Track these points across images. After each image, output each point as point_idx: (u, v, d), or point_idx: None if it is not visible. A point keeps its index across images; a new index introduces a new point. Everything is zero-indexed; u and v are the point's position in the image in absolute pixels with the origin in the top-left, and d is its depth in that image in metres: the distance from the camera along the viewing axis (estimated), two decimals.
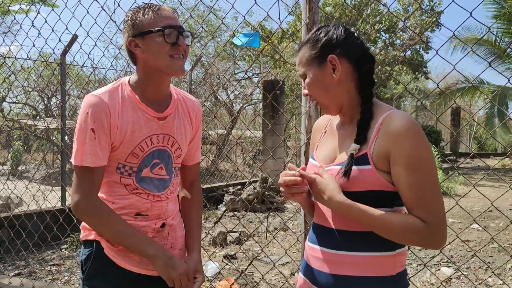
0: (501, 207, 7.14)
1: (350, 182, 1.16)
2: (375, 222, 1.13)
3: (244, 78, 12.01)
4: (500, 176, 11.61)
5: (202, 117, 1.67)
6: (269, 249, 4.94)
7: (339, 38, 1.22)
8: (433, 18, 10.33)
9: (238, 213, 6.60)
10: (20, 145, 10.86)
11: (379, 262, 1.18)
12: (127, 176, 1.45)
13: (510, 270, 4.32)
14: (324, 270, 1.24)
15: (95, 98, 1.37)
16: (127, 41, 1.41)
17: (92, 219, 1.41)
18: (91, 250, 1.46)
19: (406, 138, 1.11)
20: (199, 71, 11.38)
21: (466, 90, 12.00)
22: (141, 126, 1.43)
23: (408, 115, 1.17)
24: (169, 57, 1.38)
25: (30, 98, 10.50)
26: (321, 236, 1.28)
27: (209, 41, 12.61)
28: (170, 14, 1.41)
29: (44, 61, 6.36)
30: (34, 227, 4.07)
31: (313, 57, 1.23)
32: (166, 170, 1.51)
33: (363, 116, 1.21)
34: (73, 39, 4.63)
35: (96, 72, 5.83)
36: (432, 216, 1.11)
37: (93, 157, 1.37)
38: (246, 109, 12.36)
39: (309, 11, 1.90)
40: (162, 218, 1.52)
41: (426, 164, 1.12)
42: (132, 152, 1.43)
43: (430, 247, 1.15)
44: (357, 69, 1.23)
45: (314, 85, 1.24)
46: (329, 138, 1.35)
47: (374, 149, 1.16)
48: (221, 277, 3.92)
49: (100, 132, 1.36)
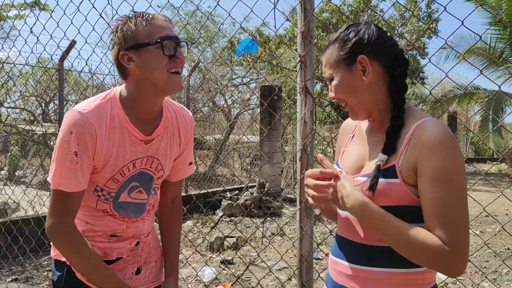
0: (497, 212, 7.18)
1: (376, 196, 1.07)
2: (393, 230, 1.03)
3: (241, 83, 12.06)
4: (497, 180, 11.66)
5: (193, 131, 1.57)
6: (266, 254, 4.95)
7: (371, 37, 1.12)
8: (429, 25, 10.41)
9: (235, 218, 6.61)
10: (18, 151, 10.84)
11: (407, 279, 1.09)
12: (104, 201, 1.38)
13: (506, 274, 4.34)
14: (347, 285, 1.16)
15: (81, 118, 1.24)
16: (119, 54, 1.26)
17: (64, 247, 1.31)
18: (62, 272, 1.40)
19: (438, 151, 1.00)
20: (196, 76, 11.42)
21: (462, 96, 12.06)
22: (126, 149, 1.33)
23: (443, 124, 1.06)
24: (167, 72, 1.26)
25: (28, 103, 10.50)
26: (344, 249, 1.19)
27: (206, 46, 12.66)
28: (165, 23, 1.28)
29: (42, 67, 6.38)
30: (31, 233, 4.08)
31: (342, 58, 1.14)
32: (146, 193, 1.44)
33: (393, 124, 1.11)
34: (71, 45, 4.66)
35: (94, 78, 5.84)
36: (455, 239, 0.98)
37: (73, 182, 1.26)
38: (243, 114, 12.40)
39: (304, 19, 1.92)
40: (136, 237, 1.47)
41: (455, 180, 1.00)
42: (112, 177, 1.34)
43: (447, 273, 1.01)
44: (389, 72, 1.13)
45: (342, 88, 1.15)
46: (356, 144, 1.25)
47: (403, 161, 1.06)
48: (218, 282, 3.93)
49: (84, 155, 1.25)
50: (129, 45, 1.25)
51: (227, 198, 7.04)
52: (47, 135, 9.53)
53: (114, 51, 1.29)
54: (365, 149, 1.20)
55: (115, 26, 1.29)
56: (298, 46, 1.96)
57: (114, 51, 1.29)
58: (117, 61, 1.29)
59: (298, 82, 1.97)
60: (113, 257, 1.43)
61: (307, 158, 1.96)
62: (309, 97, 1.95)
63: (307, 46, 1.93)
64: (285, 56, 12.12)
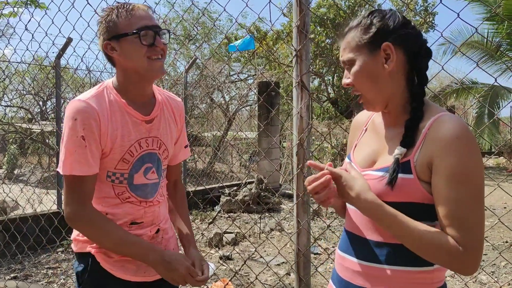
0: (495, 206, 7.20)
1: (388, 192, 1.04)
2: (404, 230, 1.00)
3: (239, 80, 12.04)
4: (495, 174, 11.69)
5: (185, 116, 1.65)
6: (265, 249, 4.95)
7: (396, 25, 1.07)
8: (426, 18, 10.40)
9: (234, 215, 6.62)
10: (16, 149, 10.82)
11: (415, 278, 1.06)
12: (118, 184, 1.41)
13: (504, 267, 4.36)
14: (354, 282, 1.13)
15: (83, 104, 1.31)
16: (103, 44, 1.36)
17: (89, 230, 1.36)
18: (86, 263, 1.43)
19: (454, 147, 0.97)
20: (194, 73, 11.39)
21: (460, 90, 12.07)
22: (130, 130, 1.39)
23: (461, 120, 1.02)
24: (147, 59, 1.33)
25: (24, 101, 10.47)
26: (352, 245, 1.16)
27: (203, 42, 12.62)
28: (145, 13, 1.35)
29: (38, 64, 6.35)
30: (30, 231, 4.07)
31: (365, 42, 1.08)
32: (157, 173, 1.49)
33: (413, 116, 1.06)
34: (67, 42, 4.64)
35: (91, 75, 5.82)
36: (469, 239, 0.96)
37: (84, 166, 1.31)
38: (242, 111, 12.39)
39: (299, 13, 1.92)
40: (156, 224, 1.51)
41: (472, 178, 0.97)
42: (122, 158, 1.39)
43: (460, 272, 0.99)
44: (411, 62, 1.08)
45: (362, 74, 1.09)
46: (370, 138, 1.21)
47: (418, 156, 1.03)
48: (217, 278, 3.94)
49: (91, 139, 1.31)
50: (111, 35, 1.34)
51: (225, 194, 7.04)
52: (45, 133, 9.51)
53: (99, 40, 1.39)
54: (379, 143, 1.16)
55: (100, 17, 1.38)
56: (293, 40, 1.95)
57: (100, 41, 1.38)
58: (103, 50, 1.39)
59: (294, 76, 1.97)
60: None
61: (304, 152, 1.96)
62: (305, 91, 1.94)
63: (302, 40, 1.92)
64: (283, 52, 12.10)
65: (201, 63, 11.54)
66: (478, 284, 3.90)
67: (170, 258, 1.36)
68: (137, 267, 1.43)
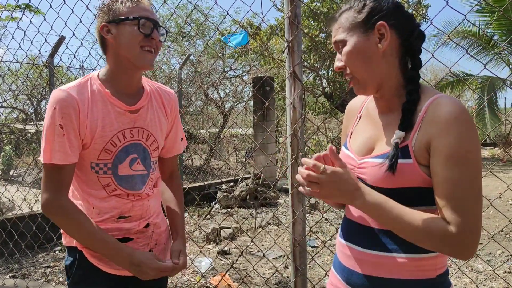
0: (491, 196, 7.24)
1: (389, 178, 1.03)
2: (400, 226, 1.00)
3: (234, 76, 12.03)
4: (490, 165, 11.75)
5: (178, 108, 1.63)
6: (263, 244, 4.97)
7: (389, 5, 1.07)
8: (418, 10, 10.40)
9: (231, 210, 6.63)
10: (11, 150, 10.77)
11: (418, 264, 1.05)
12: (103, 175, 1.41)
13: (500, 256, 4.40)
14: (356, 270, 1.12)
15: (63, 93, 1.31)
16: (100, 26, 1.36)
17: (60, 219, 1.36)
18: (74, 257, 1.44)
19: (452, 128, 0.95)
20: (189, 70, 11.37)
21: (455, 82, 12.12)
22: (112, 120, 1.38)
23: (458, 101, 1.00)
24: (139, 48, 1.34)
25: (19, 102, 10.42)
26: (353, 233, 1.15)
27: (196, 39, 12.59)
28: (148, 7, 1.39)
29: (31, 63, 6.31)
30: (27, 229, 4.07)
31: (359, 21, 1.07)
32: (144, 164, 1.48)
33: (410, 98, 1.04)
34: (60, 41, 4.61)
35: (85, 73, 5.81)
36: (464, 222, 0.94)
37: (62, 154, 1.31)
38: (237, 107, 12.37)
39: (290, 4, 1.92)
40: (145, 218, 1.50)
41: (469, 159, 0.95)
42: (104, 148, 1.38)
43: (457, 256, 0.98)
44: (404, 45, 1.07)
45: (354, 55, 1.07)
46: (365, 125, 1.19)
47: (416, 140, 1.01)
48: (215, 272, 3.95)
49: (69, 128, 1.31)
50: (110, 18, 1.35)
51: (222, 190, 7.05)
52: (40, 133, 9.47)
53: (97, 23, 1.39)
54: (375, 130, 1.14)
55: (103, 3, 1.39)
56: (285, 32, 1.96)
57: (97, 23, 1.39)
58: (98, 33, 1.39)
59: (286, 67, 1.97)
60: (120, 237, 1.44)
61: (298, 143, 1.97)
62: (298, 82, 1.95)
63: (294, 31, 1.93)
64: (277, 48, 12.08)
65: (195, 59, 11.52)
66: (474, 273, 3.93)
67: (139, 261, 1.34)
68: None
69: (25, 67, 6.55)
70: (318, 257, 4.44)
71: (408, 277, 1.05)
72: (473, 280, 3.62)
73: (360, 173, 1.12)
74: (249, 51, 10.94)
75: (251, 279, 3.89)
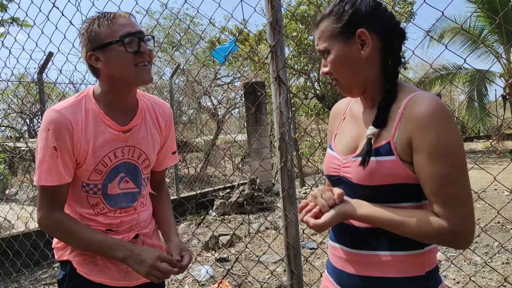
0: (486, 189, 7.26)
1: (373, 175, 1.05)
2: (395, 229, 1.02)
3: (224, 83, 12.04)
4: (484, 157, 11.81)
5: (173, 121, 1.61)
6: (261, 249, 4.97)
7: (368, 9, 1.07)
8: (406, 8, 10.49)
9: (229, 217, 6.62)
10: (5, 169, 10.70)
11: (406, 261, 1.07)
12: (92, 195, 1.41)
13: (497, 247, 4.42)
14: (347, 270, 1.14)
15: (57, 114, 1.30)
16: (87, 55, 1.33)
17: (56, 233, 1.39)
18: (66, 271, 1.45)
19: (431, 124, 0.97)
20: (180, 79, 11.37)
21: (445, 75, 12.21)
22: (104, 141, 1.37)
23: (435, 97, 1.02)
24: (133, 66, 1.30)
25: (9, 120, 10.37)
26: (342, 234, 1.17)
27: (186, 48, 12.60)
28: (127, 20, 1.32)
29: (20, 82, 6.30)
30: (22, 248, 4.05)
31: (339, 31, 1.08)
32: (135, 183, 1.47)
33: (386, 97, 1.07)
34: (48, 58, 4.61)
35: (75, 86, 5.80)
36: (455, 214, 0.97)
37: (56, 176, 1.31)
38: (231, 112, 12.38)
39: (271, 9, 1.94)
40: (134, 230, 1.49)
41: (452, 153, 0.97)
42: (95, 169, 1.38)
43: (456, 247, 1.01)
44: (386, 45, 1.08)
45: (338, 63, 1.09)
46: (349, 125, 1.22)
47: (397, 137, 1.03)
48: (214, 281, 3.94)
49: (63, 149, 1.31)
50: (94, 45, 1.31)
51: (219, 197, 7.04)
52: (33, 151, 9.43)
53: (83, 52, 1.35)
54: (358, 129, 1.16)
55: (82, 29, 1.35)
56: (268, 37, 1.97)
57: (83, 53, 1.36)
58: (87, 63, 1.36)
59: (271, 72, 1.99)
60: None
61: (286, 146, 1.98)
62: (283, 86, 1.96)
63: (276, 35, 1.95)
64: (266, 52, 12.14)
65: (185, 69, 11.53)
66: (473, 266, 3.95)
67: (140, 250, 1.34)
68: (117, 272, 1.43)
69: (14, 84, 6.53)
70: (317, 258, 4.44)
71: (397, 275, 1.07)
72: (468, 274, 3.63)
73: (345, 173, 1.14)
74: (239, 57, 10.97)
75: (250, 284, 3.88)
